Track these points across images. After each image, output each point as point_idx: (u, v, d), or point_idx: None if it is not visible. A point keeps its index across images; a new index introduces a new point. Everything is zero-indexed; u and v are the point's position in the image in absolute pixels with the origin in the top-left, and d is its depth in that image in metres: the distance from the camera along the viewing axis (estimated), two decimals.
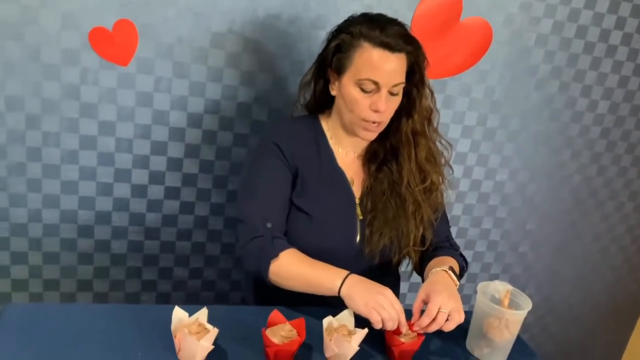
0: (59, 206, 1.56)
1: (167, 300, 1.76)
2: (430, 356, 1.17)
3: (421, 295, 1.16)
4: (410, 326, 1.13)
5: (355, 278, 1.13)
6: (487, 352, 1.18)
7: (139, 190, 1.61)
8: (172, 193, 1.64)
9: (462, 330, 1.23)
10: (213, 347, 1.00)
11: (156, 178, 1.61)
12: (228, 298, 1.82)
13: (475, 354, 1.20)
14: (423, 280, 1.31)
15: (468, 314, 1.17)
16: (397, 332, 1.11)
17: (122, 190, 1.59)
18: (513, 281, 2.11)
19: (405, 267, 1.42)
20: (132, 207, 1.62)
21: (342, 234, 1.28)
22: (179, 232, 1.69)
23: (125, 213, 1.62)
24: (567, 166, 1.97)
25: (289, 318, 1.10)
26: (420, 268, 1.36)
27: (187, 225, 1.69)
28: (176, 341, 0.99)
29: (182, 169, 1.62)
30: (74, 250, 1.62)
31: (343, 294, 1.11)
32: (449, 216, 1.45)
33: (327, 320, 1.10)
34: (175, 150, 1.59)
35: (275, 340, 1.03)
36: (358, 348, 1.06)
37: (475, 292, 2.08)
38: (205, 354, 1.00)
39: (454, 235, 1.97)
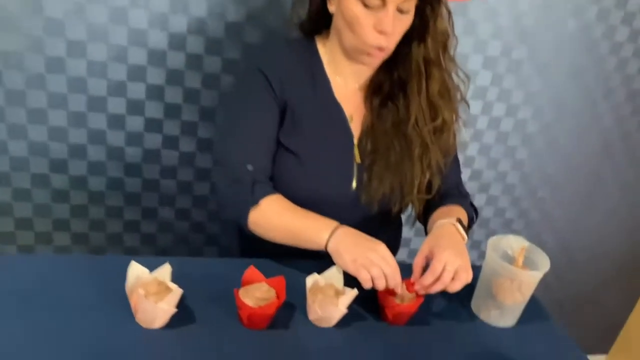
0: (27, 137, 1.40)
1: (153, 241, 1.64)
2: (430, 317, 1.03)
3: (424, 250, 1.01)
4: (409, 285, 0.98)
5: (345, 231, 0.98)
6: (494, 315, 1.04)
7: (116, 122, 1.44)
8: (153, 125, 1.47)
9: (467, 289, 1.09)
10: (176, 310, 0.87)
11: (135, 107, 1.43)
12: (219, 242, 1.69)
13: (482, 316, 1.06)
14: (426, 233, 1.15)
15: (476, 271, 1.01)
16: (393, 292, 0.96)
17: (97, 121, 1.43)
18: (529, 228, 1.95)
19: (408, 214, 1.26)
20: (109, 140, 1.46)
21: (336, 180, 1.12)
22: (163, 170, 1.54)
23: (102, 147, 1.46)
24: (598, 105, 1.75)
25: (270, 274, 0.96)
26: (424, 219, 1.20)
27: (171, 161, 1.53)
28: (132, 303, 0.86)
29: (164, 98, 1.44)
30: (47, 187, 1.48)
31: (330, 249, 0.96)
32: (461, 157, 1.27)
33: (312, 279, 0.96)
34: (156, 76, 1.41)
35: (249, 302, 0.89)
36: (346, 311, 0.92)
37: (487, 237, 1.95)
38: (166, 318, 0.86)
39: (467, 178, 1.81)
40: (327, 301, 0.91)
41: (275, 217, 1.03)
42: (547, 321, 1.09)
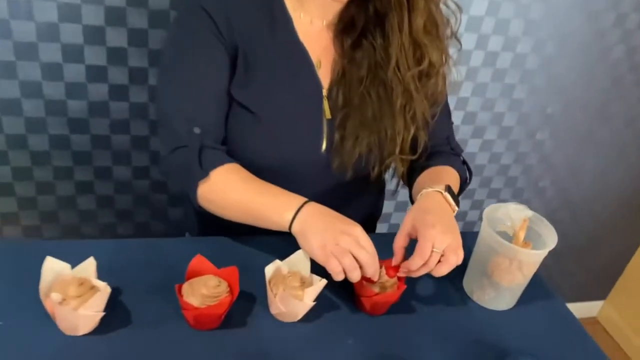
0: None
1: (111, 205, 1.47)
2: (414, 302, 0.89)
3: (406, 226, 0.85)
4: (389, 269, 0.83)
5: (312, 209, 0.81)
6: (490, 297, 0.89)
7: (51, 71, 1.24)
8: (95, 74, 1.26)
9: (459, 267, 0.95)
10: (103, 313, 0.71)
11: (71, 54, 1.22)
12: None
13: (475, 297, 0.91)
14: (411, 200, 0.99)
15: (468, 238, 0.86)
16: (370, 279, 0.81)
17: (29, 70, 1.22)
18: (527, 173, 1.79)
19: (390, 178, 1.09)
20: (45, 91, 1.26)
21: (302, 141, 0.94)
22: (113, 124, 1.34)
23: (39, 100, 1.27)
24: (607, 35, 1.55)
25: (228, 256, 0.80)
26: (409, 182, 1.03)
27: (122, 115, 1.34)
28: (47, 308, 0.70)
29: (105, 42, 1.23)
30: None
31: (295, 231, 0.80)
32: (453, 100, 1.08)
33: (272, 268, 0.80)
34: (92, 15, 1.19)
35: (195, 301, 0.73)
36: (312, 304, 0.77)
37: (482, 186, 1.79)
38: (92, 324, 0.71)
39: (459, 121, 1.63)
40: (289, 295, 0.76)
41: (229, 192, 0.86)
42: (550, 299, 0.94)
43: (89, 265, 0.74)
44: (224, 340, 0.75)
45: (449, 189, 0.89)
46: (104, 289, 0.71)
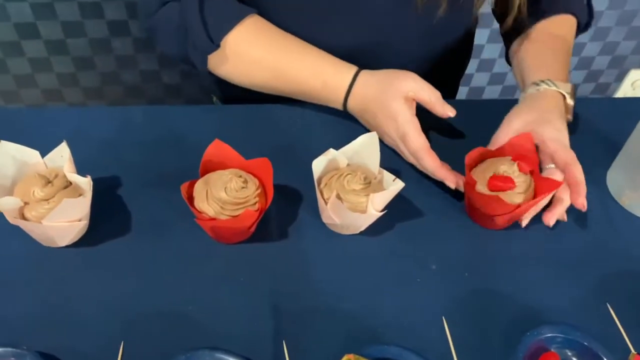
0: None
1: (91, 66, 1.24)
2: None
3: (515, 125, 0.58)
4: (526, 161, 0.56)
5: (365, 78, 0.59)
6: None
7: None
8: None
9: (604, 153, 0.66)
10: (83, 223, 0.51)
11: None
12: None
13: (624, 202, 0.62)
14: (508, 61, 0.69)
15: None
16: (503, 185, 0.54)
17: None
18: None
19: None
20: None
21: None
22: None
23: None
24: None
25: (260, 138, 0.56)
26: (508, 37, 0.72)
27: None
28: (6, 215, 0.50)
29: None
30: None
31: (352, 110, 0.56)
32: None
33: (323, 161, 0.54)
34: None
35: (209, 209, 0.50)
36: (380, 214, 0.53)
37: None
38: (71, 235, 0.51)
39: None
40: (348, 201, 0.51)
41: (254, 63, 0.62)
42: None
43: (61, 152, 0.52)
44: (255, 258, 0.54)
45: (573, 91, 0.61)
46: (87, 188, 0.50)
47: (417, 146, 0.57)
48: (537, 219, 0.58)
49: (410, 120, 0.57)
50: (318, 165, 0.54)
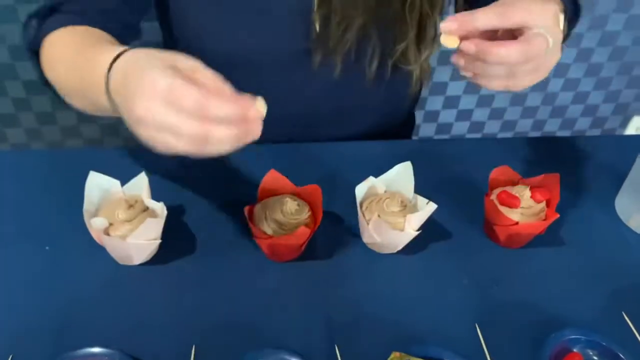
0: None
1: None
2: (559, 229, 0.68)
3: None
4: (537, 192, 0.63)
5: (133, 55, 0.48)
6: None
7: None
8: None
9: (611, 182, 0.73)
10: (159, 241, 0.58)
11: None
12: None
13: (632, 224, 0.69)
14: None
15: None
16: (509, 202, 0.62)
17: None
18: None
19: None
20: None
21: (282, 23, 0.69)
22: None
23: None
24: None
25: (311, 169, 0.64)
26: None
27: None
28: (93, 235, 0.58)
29: None
30: None
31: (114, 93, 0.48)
32: None
33: (364, 187, 0.62)
34: None
35: (268, 228, 0.58)
36: (416, 234, 0.60)
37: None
38: (146, 253, 0.59)
39: None
40: (388, 222, 0.59)
41: (57, 59, 0.61)
42: None
43: (140, 182, 0.60)
44: (306, 273, 0.61)
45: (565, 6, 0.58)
46: (160, 212, 0.58)
47: (195, 92, 0.40)
48: (553, 240, 0.66)
49: (169, 75, 0.41)
50: (360, 190, 0.62)
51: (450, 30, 0.49)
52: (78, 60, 0.56)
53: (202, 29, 0.69)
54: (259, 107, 0.43)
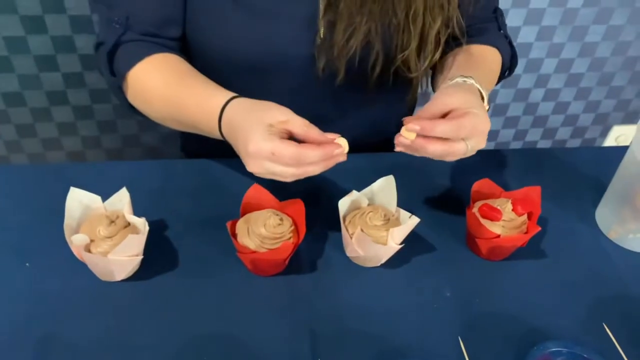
0: None
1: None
2: (538, 241, 0.68)
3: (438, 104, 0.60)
4: (518, 204, 0.63)
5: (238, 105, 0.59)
6: (633, 237, 0.68)
7: None
8: None
9: (592, 193, 0.74)
10: (140, 257, 0.58)
11: None
12: None
13: (612, 235, 0.70)
14: (434, 89, 0.77)
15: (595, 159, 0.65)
16: (491, 216, 0.62)
17: None
18: None
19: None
20: None
21: (290, 27, 0.70)
22: None
23: None
24: None
25: (293, 185, 0.64)
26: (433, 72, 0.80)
27: None
28: (74, 250, 0.57)
29: None
30: None
31: (227, 137, 0.60)
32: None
33: (347, 201, 0.63)
34: None
35: (251, 243, 0.58)
36: (399, 247, 0.60)
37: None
38: (128, 269, 0.58)
39: None
40: (371, 235, 0.59)
41: (149, 91, 0.68)
42: None
43: (122, 197, 0.60)
44: (290, 287, 0.61)
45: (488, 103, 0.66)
46: (142, 228, 0.57)
47: (292, 150, 0.53)
48: (535, 252, 0.66)
49: (269, 139, 0.53)
50: (343, 204, 0.62)
51: (413, 130, 0.57)
52: (181, 102, 0.64)
53: (212, 32, 0.70)
54: (342, 144, 0.55)
